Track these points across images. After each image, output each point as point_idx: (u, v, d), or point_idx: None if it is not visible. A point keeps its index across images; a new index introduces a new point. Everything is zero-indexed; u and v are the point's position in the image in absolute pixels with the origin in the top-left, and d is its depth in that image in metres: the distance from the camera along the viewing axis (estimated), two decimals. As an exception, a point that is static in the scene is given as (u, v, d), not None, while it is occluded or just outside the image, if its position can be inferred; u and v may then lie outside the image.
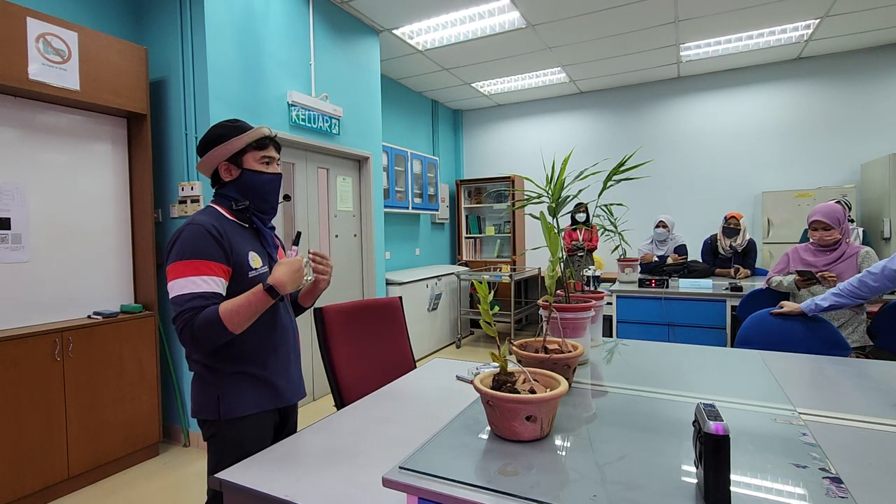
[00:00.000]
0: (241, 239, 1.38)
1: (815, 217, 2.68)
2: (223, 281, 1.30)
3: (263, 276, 1.38)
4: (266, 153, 1.44)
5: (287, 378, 1.46)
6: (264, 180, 1.43)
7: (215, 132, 1.40)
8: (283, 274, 1.28)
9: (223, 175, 1.42)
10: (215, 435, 1.35)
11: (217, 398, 1.33)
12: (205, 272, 1.26)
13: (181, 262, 1.26)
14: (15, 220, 2.44)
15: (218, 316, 1.21)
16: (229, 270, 1.32)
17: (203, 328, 1.21)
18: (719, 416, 0.77)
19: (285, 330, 1.49)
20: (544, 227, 1.39)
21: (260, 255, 1.42)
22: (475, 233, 6.92)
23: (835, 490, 0.81)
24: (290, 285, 1.28)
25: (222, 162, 1.40)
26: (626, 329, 3.81)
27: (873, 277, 2.13)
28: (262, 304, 1.26)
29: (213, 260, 1.28)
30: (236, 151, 1.39)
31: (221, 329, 1.22)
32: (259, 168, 1.42)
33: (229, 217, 1.41)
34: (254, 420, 1.37)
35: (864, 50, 5.05)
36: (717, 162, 5.70)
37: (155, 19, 3.13)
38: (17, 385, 2.30)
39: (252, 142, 1.40)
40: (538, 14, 4.14)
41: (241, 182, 1.41)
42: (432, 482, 0.87)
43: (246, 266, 1.35)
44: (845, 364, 1.67)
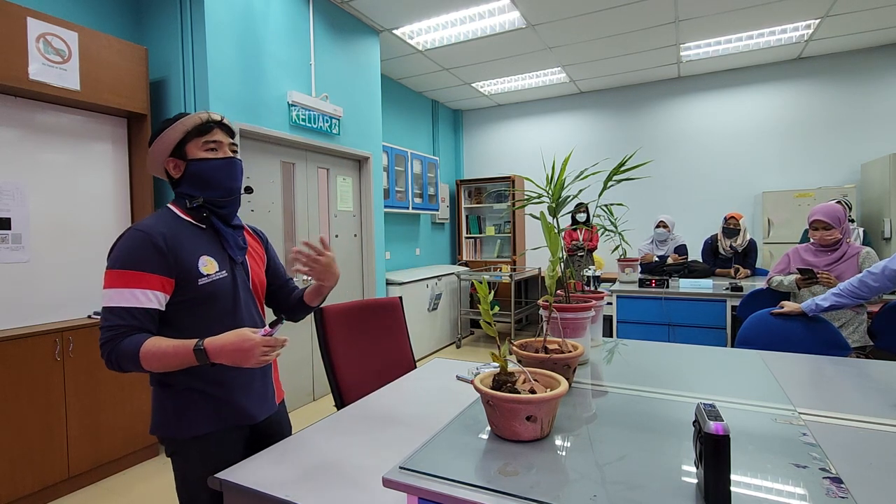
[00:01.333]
0: (194, 242, 1.25)
1: (816, 217, 2.68)
2: (161, 295, 1.17)
3: (218, 283, 1.25)
4: (209, 137, 1.28)
5: (250, 394, 1.31)
6: (213, 167, 1.27)
7: (155, 129, 1.28)
8: (226, 344, 1.11)
9: (172, 173, 1.29)
10: (177, 452, 1.26)
11: (174, 416, 1.23)
12: (138, 285, 1.14)
13: (114, 271, 1.15)
14: (15, 220, 2.45)
15: (137, 353, 1.10)
16: (171, 282, 1.18)
17: (122, 358, 1.11)
18: (719, 416, 0.77)
19: None
20: (544, 227, 1.39)
21: (217, 259, 1.27)
22: (475, 233, 6.92)
23: (835, 490, 0.81)
24: (229, 360, 1.12)
25: (167, 158, 1.27)
26: (626, 329, 3.81)
27: (874, 277, 2.13)
28: (186, 362, 1.12)
29: (152, 272, 1.15)
30: (176, 143, 1.26)
31: (137, 366, 1.12)
32: (204, 155, 1.27)
33: (184, 217, 1.28)
34: (216, 438, 1.25)
35: (864, 50, 5.05)
36: (718, 162, 5.70)
37: (155, 19, 3.13)
38: (17, 385, 2.30)
39: (190, 129, 1.26)
40: (538, 14, 4.14)
41: (191, 175, 1.27)
42: (432, 482, 0.87)
43: (195, 273, 1.21)
44: (845, 364, 1.67)
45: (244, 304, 1.32)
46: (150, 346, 1.12)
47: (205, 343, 1.12)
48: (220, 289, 1.26)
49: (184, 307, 1.22)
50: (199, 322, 1.23)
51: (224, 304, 1.27)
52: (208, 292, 1.23)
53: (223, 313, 1.27)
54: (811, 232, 2.75)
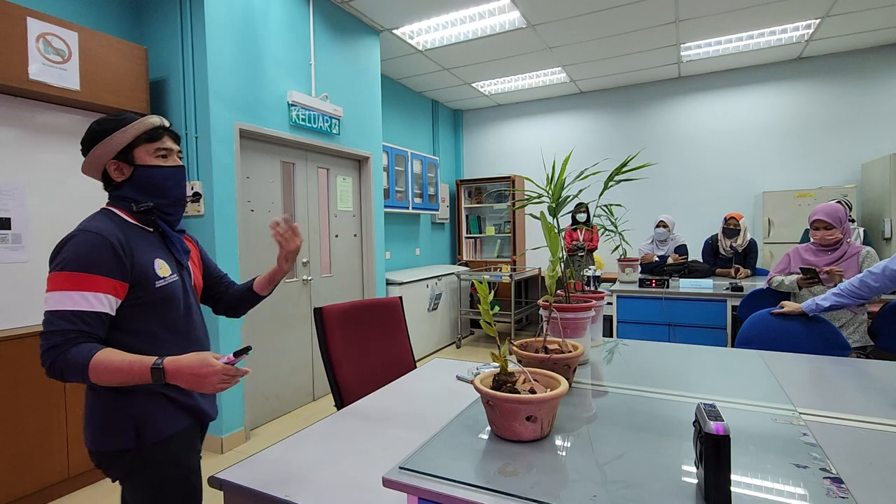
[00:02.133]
0: (146, 246, 1.23)
1: (817, 216, 2.68)
2: (113, 299, 1.13)
3: (172, 286, 1.24)
4: (160, 144, 1.25)
5: (202, 395, 1.31)
6: (164, 175, 1.25)
7: (96, 128, 1.22)
8: (186, 366, 1.07)
9: (114, 175, 1.24)
10: (142, 467, 1.18)
11: (134, 425, 1.16)
12: (90, 288, 1.09)
13: (64, 273, 1.09)
14: (15, 220, 2.45)
15: (87, 364, 1.05)
16: (124, 287, 1.15)
17: (68, 367, 1.06)
18: (720, 416, 0.77)
19: (201, 337, 1.35)
20: (544, 227, 1.39)
21: (167, 263, 1.26)
22: (475, 233, 6.92)
23: (835, 490, 0.81)
24: (185, 383, 1.08)
25: (110, 160, 1.22)
26: (626, 329, 3.81)
27: (874, 277, 2.13)
28: (138, 379, 1.07)
29: (106, 275, 1.11)
30: (124, 146, 1.21)
31: (82, 378, 1.07)
32: (155, 162, 1.24)
33: (130, 221, 1.24)
34: (184, 437, 1.24)
35: (864, 50, 5.05)
36: (718, 162, 5.70)
37: (155, 19, 3.13)
38: (16, 385, 2.30)
39: (140, 134, 1.22)
40: (538, 14, 4.14)
41: (138, 180, 1.23)
42: (432, 482, 0.87)
43: (152, 275, 1.20)
44: (845, 364, 1.67)
45: (194, 307, 1.34)
46: (102, 359, 1.06)
47: (164, 362, 1.08)
48: (172, 292, 1.25)
49: (136, 310, 1.18)
50: (151, 325, 1.21)
51: (177, 308, 1.26)
52: (163, 296, 1.22)
53: (175, 317, 1.26)
54: (812, 232, 2.75)
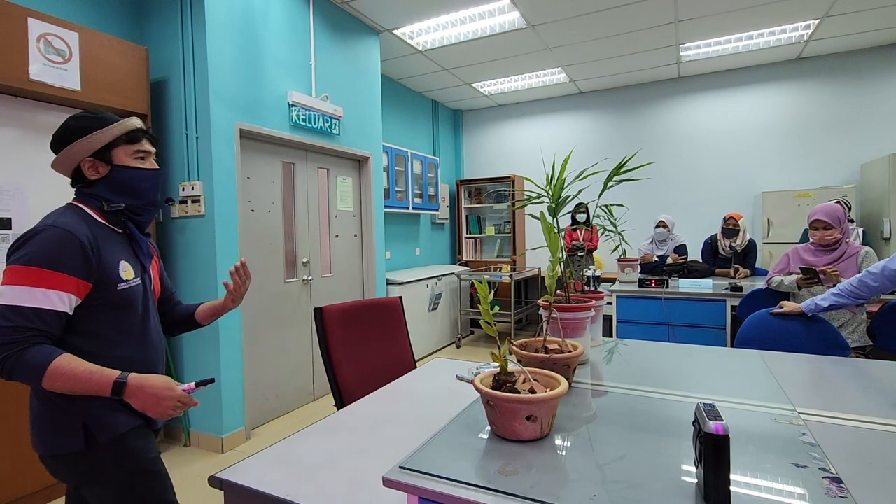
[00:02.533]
0: (112, 246, 1.21)
1: (816, 216, 2.68)
2: (73, 298, 1.11)
3: (134, 289, 1.23)
4: (139, 147, 1.26)
5: None
6: (142, 177, 1.26)
7: (75, 125, 1.21)
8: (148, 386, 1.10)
9: (88, 173, 1.23)
10: (97, 469, 1.15)
11: (83, 425, 1.13)
12: (51, 285, 1.06)
13: (25, 267, 1.06)
14: (15, 220, 2.45)
15: (45, 368, 1.03)
16: (87, 287, 1.13)
17: (22, 367, 1.03)
18: (719, 416, 0.77)
19: (157, 342, 1.34)
20: (544, 227, 1.40)
21: (132, 266, 1.25)
22: (475, 233, 6.92)
23: (835, 490, 0.81)
24: (140, 402, 1.10)
25: (86, 158, 1.22)
26: (626, 329, 3.82)
27: (873, 277, 2.13)
28: (95, 390, 1.07)
29: (70, 273, 1.09)
30: (103, 146, 1.21)
31: (34, 381, 1.04)
32: (133, 164, 1.25)
33: (99, 220, 1.23)
34: (137, 433, 1.21)
35: (864, 50, 5.05)
36: (717, 162, 5.71)
37: (155, 19, 3.13)
38: (17, 385, 2.30)
39: (121, 135, 1.23)
40: (538, 14, 4.14)
41: (113, 180, 1.23)
42: (432, 482, 0.87)
43: (115, 277, 1.18)
44: (845, 364, 1.67)
45: (152, 312, 1.33)
46: (62, 364, 1.04)
47: (129, 378, 1.09)
48: (133, 296, 1.24)
49: (92, 311, 1.16)
50: (104, 327, 1.18)
51: (136, 312, 1.25)
52: (123, 298, 1.20)
53: (133, 321, 1.25)
54: (811, 232, 2.75)
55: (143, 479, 1.21)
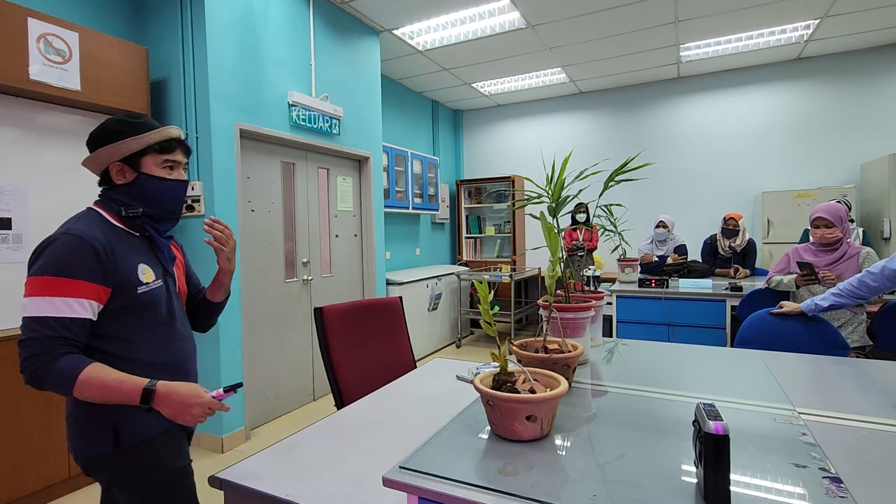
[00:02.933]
0: (130, 250, 1.19)
1: (818, 214, 2.68)
2: (95, 304, 1.11)
3: (155, 292, 1.21)
4: (170, 157, 1.24)
5: None
6: (165, 187, 1.23)
7: (112, 127, 1.20)
8: (176, 393, 1.10)
9: (115, 177, 1.22)
10: (124, 470, 1.16)
11: (113, 427, 1.14)
12: (73, 293, 1.07)
13: (45, 277, 1.07)
14: (16, 221, 2.45)
15: (75, 378, 1.04)
16: (106, 292, 1.12)
17: (52, 377, 1.04)
18: (719, 416, 0.78)
19: (184, 345, 1.31)
20: (544, 228, 1.40)
21: (152, 268, 1.23)
22: (475, 233, 6.92)
23: (834, 490, 0.81)
24: (169, 410, 1.10)
25: (115, 162, 1.20)
26: (626, 329, 3.82)
27: (873, 277, 2.13)
28: (125, 399, 1.08)
29: (87, 280, 1.08)
30: (134, 152, 1.20)
31: (65, 390, 1.06)
32: (160, 174, 1.22)
33: (116, 224, 1.21)
34: (166, 437, 1.21)
35: (864, 50, 5.05)
36: (717, 162, 5.71)
37: (155, 19, 3.13)
38: (17, 385, 2.30)
39: (154, 144, 1.21)
40: (538, 14, 4.14)
41: (136, 187, 1.21)
42: (432, 482, 0.87)
43: (135, 280, 1.17)
44: (845, 364, 1.67)
45: (177, 313, 1.31)
46: (92, 374, 1.05)
47: (158, 385, 1.09)
48: (155, 298, 1.22)
49: (115, 315, 1.15)
50: (130, 331, 1.18)
51: (159, 314, 1.23)
52: (144, 301, 1.19)
53: (157, 323, 1.23)
54: (812, 230, 2.75)
55: (166, 488, 1.19)
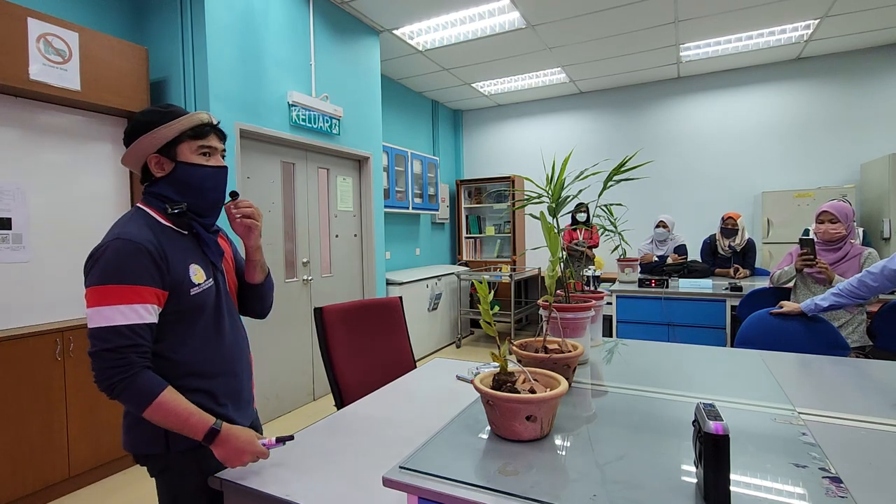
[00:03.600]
0: (181, 250, 1.17)
1: (824, 209, 2.67)
2: (156, 308, 1.10)
3: (206, 292, 1.19)
4: (205, 142, 1.20)
5: (238, 403, 1.27)
6: (205, 174, 1.20)
7: (141, 119, 1.18)
8: (235, 439, 1.11)
9: (154, 170, 1.19)
10: (168, 469, 1.18)
11: (164, 431, 1.13)
12: (136, 300, 1.05)
13: (103, 287, 1.04)
14: (16, 220, 2.45)
15: (152, 399, 1.04)
16: (164, 295, 1.11)
17: (131, 393, 1.04)
18: (719, 416, 0.78)
19: (234, 343, 1.29)
20: (544, 228, 1.40)
21: (203, 267, 1.20)
22: (475, 233, 6.92)
23: (834, 490, 0.81)
24: (223, 453, 1.10)
25: (151, 154, 1.17)
26: (626, 329, 3.82)
27: (873, 277, 2.13)
28: (191, 432, 1.08)
29: (147, 284, 1.07)
30: (168, 141, 1.16)
31: (138, 407, 1.05)
32: (197, 160, 1.19)
33: (163, 223, 1.18)
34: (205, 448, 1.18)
35: (864, 50, 5.05)
36: (717, 162, 5.71)
37: (155, 19, 3.13)
38: (17, 384, 2.31)
39: (186, 129, 1.17)
40: (538, 14, 4.14)
41: (176, 178, 1.18)
42: (432, 482, 0.87)
43: (187, 283, 1.15)
44: (845, 364, 1.67)
45: (227, 311, 1.28)
46: (166, 400, 1.06)
47: (223, 428, 1.10)
48: (207, 299, 1.20)
49: (168, 318, 1.13)
50: (179, 333, 1.16)
51: (208, 315, 1.21)
52: (197, 303, 1.17)
53: (203, 321, 1.20)
54: (817, 226, 2.73)
55: (197, 498, 1.19)
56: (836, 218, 2.63)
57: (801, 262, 2.64)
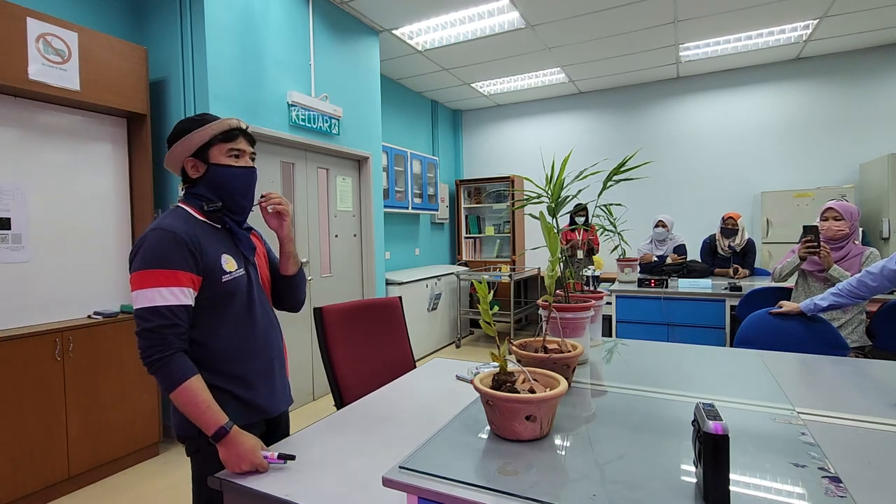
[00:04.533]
0: (213, 242, 1.29)
1: (829, 205, 2.67)
2: (192, 291, 1.21)
3: (237, 280, 1.30)
4: (234, 145, 1.33)
5: (271, 389, 1.37)
6: (234, 174, 1.32)
7: (179, 127, 1.32)
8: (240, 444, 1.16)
9: (190, 172, 1.33)
10: (199, 451, 1.27)
11: None
12: (174, 282, 1.17)
13: (147, 270, 1.16)
14: (15, 220, 2.45)
15: (179, 384, 1.14)
16: (199, 280, 1.22)
17: (164, 374, 1.14)
18: (718, 416, 0.78)
19: (267, 335, 1.38)
20: (544, 228, 1.40)
21: (234, 258, 1.32)
22: (475, 233, 6.92)
23: (833, 489, 0.81)
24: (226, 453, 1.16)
25: (187, 158, 1.31)
26: (625, 329, 3.82)
27: (872, 277, 2.13)
28: (203, 425, 1.16)
29: (182, 269, 1.18)
30: (201, 146, 1.29)
31: (167, 388, 1.15)
32: (227, 162, 1.31)
33: (199, 218, 1.31)
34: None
35: (863, 50, 5.06)
36: (717, 162, 5.71)
37: (155, 19, 3.13)
38: (17, 385, 2.30)
39: (217, 134, 1.30)
40: (537, 14, 4.14)
41: (209, 178, 1.31)
42: (432, 482, 0.87)
43: (219, 270, 1.26)
44: (844, 364, 1.68)
45: (258, 301, 1.37)
46: (191, 388, 1.15)
47: (232, 429, 1.17)
48: (238, 287, 1.30)
49: (202, 304, 1.24)
50: (213, 319, 1.26)
51: (240, 303, 1.31)
52: (229, 290, 1.27)
53: (236, 311, 1.30)
54: (821, 222, 2.72)
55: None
56: (840, 215, 2.63)
57: (805, 249, 2.61)
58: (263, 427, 1.38)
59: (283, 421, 1.48)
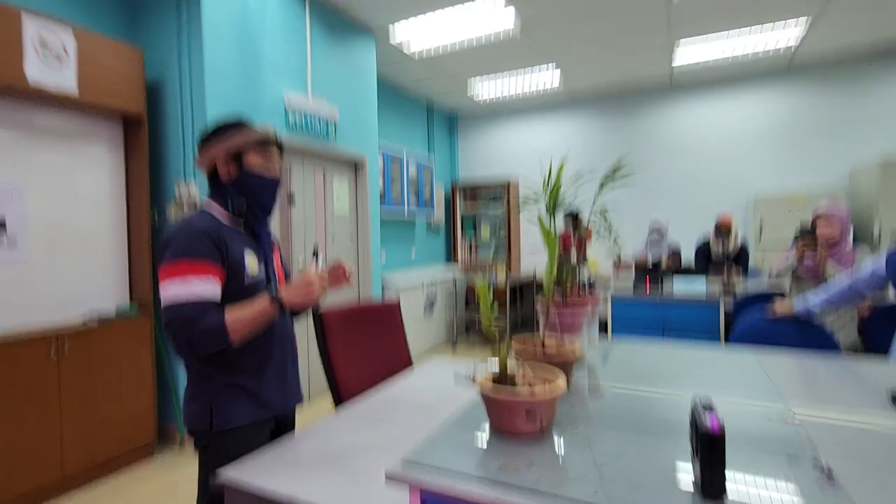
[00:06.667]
0: (237, 243, 1.33)
1: (819, 213, 2.72)
2: (217, 281, 1.25)
3: (261, 283, 1.34)
4: (268, 154, 1.39)
5: (283, 387, 1.41)
6: (264, 184, 1.38)
7: (218, 124, 1.36)
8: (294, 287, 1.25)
9: (221, 173, 1.36)
10: (208, 446, 1.30)
11: (210, 409, 1.29)
12: (200, 272, 1.21)
13: (175, 261, 1.21)
14: (11, 222, 2.43)
15: (223, 325, 1.18)
16: (224, 273, 1.27)
17: (205, 336, 1.17)
18: (713, 407, 0.80)
19: (281, 334, 1.43)
20: (543, 232, 1.41)
21: (256, 256, 1.37)
22: (470, 235, 6.94)
23: (828, 486, 0.83)
24: (300, 298, 1.25)
25: (221, 157, 1.35)
26: (620, 332, 3.84)
27: (862, 280, 2.17)
28: (268, 318, 1.24)
29: (209, 259, 1.23)
30: (238, 149, 1.34)
31: (223, 340, 1.19)
32: (259, 171, 1.36)
33: (224, 220, 1.36)
34: (248, 430, 1.32)
35: (853, 58, 5.14)
36: (710, 166, 5.77)
37: (152, 21, 3.13)
38: (12, 385, 2.29)
39: (256, 140, 1.35)
40: (532, 17, 4.17)
41: (240, 183, 1.35)
42: (437, 475, 0.88)
43: (242, 271, 1.31)
44: (837, 362, 1.70)
45: None
46: (235, 318, 1.20)
47: (278, 293, 1.24)
48: (258, 286, 1.34)
49: (228, 302, 1.26)
50: None
51: None
52: (251, 292, 1.31)
53: None
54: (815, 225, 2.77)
55: None
56: (831, 221, 2.67)
57: (803, 246, 2.69)
58: (273, 424, 1.40)
59: (291, 420, 1.51)
